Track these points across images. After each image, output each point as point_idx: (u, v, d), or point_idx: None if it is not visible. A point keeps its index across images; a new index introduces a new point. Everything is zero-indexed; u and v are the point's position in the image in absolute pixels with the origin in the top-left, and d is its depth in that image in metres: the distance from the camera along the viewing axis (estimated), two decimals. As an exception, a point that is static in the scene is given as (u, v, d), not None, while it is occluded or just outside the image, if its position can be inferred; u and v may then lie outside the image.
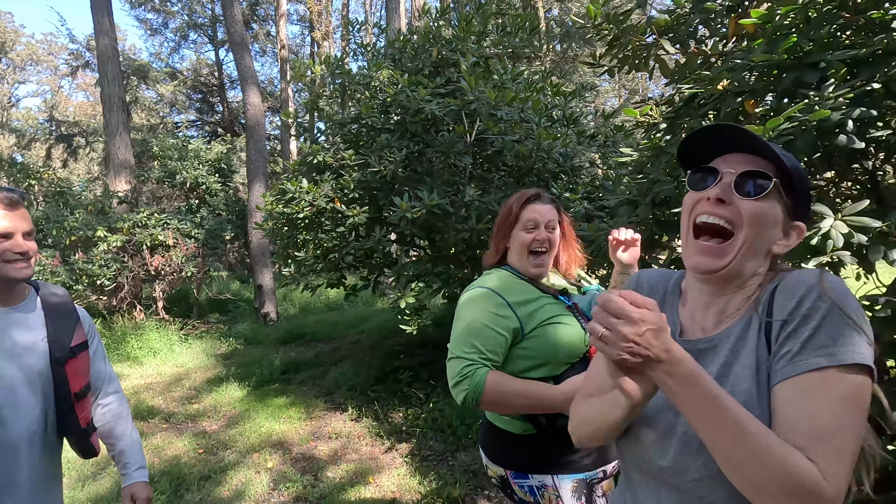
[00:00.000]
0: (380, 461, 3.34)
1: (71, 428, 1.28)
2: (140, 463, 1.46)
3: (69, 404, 1.27)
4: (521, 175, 4.24)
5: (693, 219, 0.83)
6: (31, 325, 1.27)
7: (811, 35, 1.55)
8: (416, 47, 4.33)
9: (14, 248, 1.19)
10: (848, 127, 1.37)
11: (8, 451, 1.18)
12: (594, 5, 2.38)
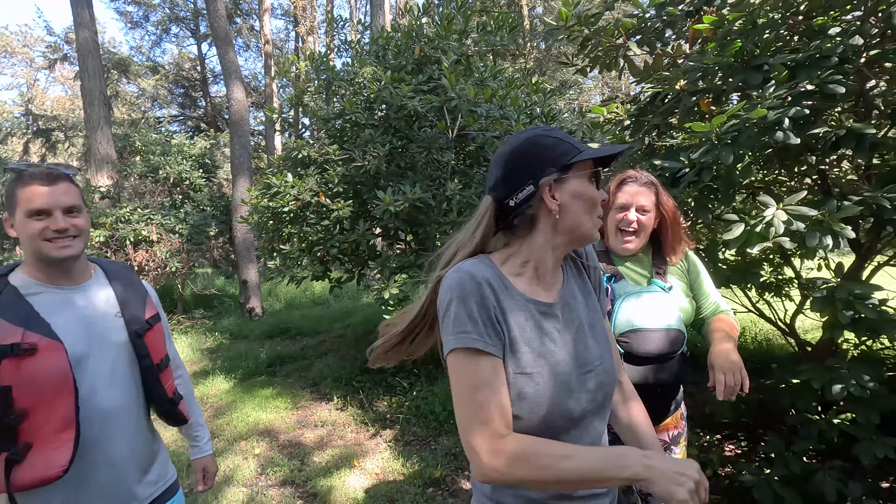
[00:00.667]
0: (364, 447, 3.45)
1: (159, 398, 1.30)
2: (208, 436, 1.53)
3: (154, 375, 1.28)
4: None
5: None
6: (103, 300, 1.26)
7: (756, 40, 1.69)
8: (399, 44, 4.42)
9: (53, 226, 1.13)
10: (784, 124, 1.52)
11: (102, 425, 1.18)
12: (566, 7, 2.51)
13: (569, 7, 2.49)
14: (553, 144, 0.89)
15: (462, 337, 0.85)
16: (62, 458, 1.08)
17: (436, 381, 4.25)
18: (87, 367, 1.16)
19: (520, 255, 0.93)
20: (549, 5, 13.33)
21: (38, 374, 1.07)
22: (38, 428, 1.08)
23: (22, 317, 1.09)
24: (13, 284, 1.14)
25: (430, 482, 2.90)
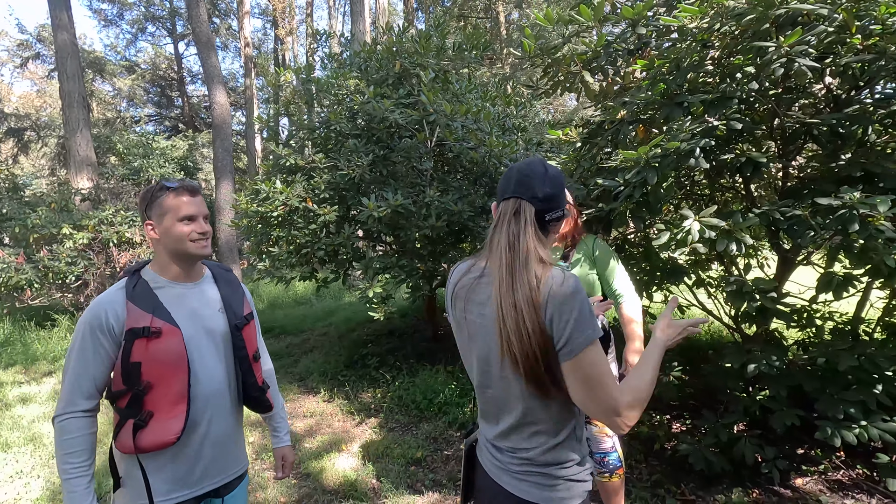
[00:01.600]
0: (351, 433, 3.75)
1: (251, 385, 1.46)
2: (288, 427, 1.68)
3: (248, 365, 1.44)
4: (477, 178, 4.71)
5: None
6: (211, 296, 1.44)
7: (679, 81, 2.07)
8: (381, 59, 4.73)
9: (198, 230, 1.35)
10: (696, 153, 1.89)
11: (202, 405, 1.35)
12: (530, 40, 2.86)
13: (532, 40, 2.85)
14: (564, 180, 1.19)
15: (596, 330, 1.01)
16: (177, 426, 1.28)
17: (417, 373, 4.57)
18: (199, 350, 1.35)
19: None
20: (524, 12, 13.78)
21: (162, 354, 1.27)
22: (158, 399, 1.27)
23: (151, 305, 1.30)
24: (144, 279, 1.35)
25: (412, 461, 3.23)
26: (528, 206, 1.10)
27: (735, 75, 2.06)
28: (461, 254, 4.54)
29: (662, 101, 2.08)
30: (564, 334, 1.00)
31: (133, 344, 1.26)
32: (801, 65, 1.78)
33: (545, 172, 1.13)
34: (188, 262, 1.40)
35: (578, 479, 1.11)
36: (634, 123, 2.20)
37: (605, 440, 2.10)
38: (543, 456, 1.09)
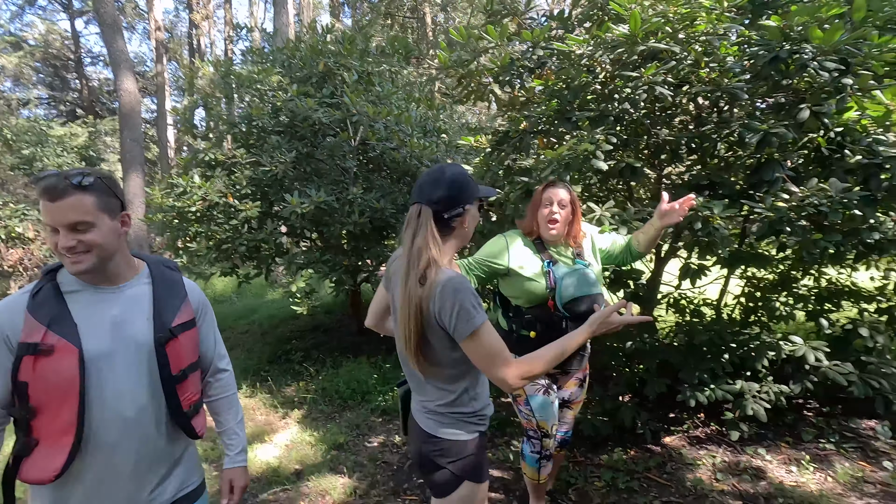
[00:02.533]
0: (275, 425, 3.82)
1: (174, 409, 1.24)
2: (243, 446, 1.46)
3: (171, 386, 1.22)
4: (400, 177, 4.93)
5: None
6: (140, 302, 1.22)
7: (568, 99, 2.42)
8: (305, 57, 4.79)
9: (63, 244, 1.09)
10: (598, 155, 2.23)
11: (109, 431, 1.14)
12: (445, 52, 3.12)
13: (447, 53, 3.11)
14: (471, 182, 1.35)
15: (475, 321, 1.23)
16: (58, 461, 1.08)
17: (341, 365, 4.70)
18: (109, 370, 1.14)
19: (448, 255, 1.34)
20: (449, 15, 14.17)
21: (50, 375, 1.08)
22: (44, 427, 1.09)
23: (49, 316, 1.10)
24: (58, 282, 1.15)
25: (334, 446, 3.38)
26: (427, 209, 1.28)
27: (613, 97, 2.45)
28: (385, 250, 4.73)
29: (556, 116, 2.43)
30: (451, 324, 1.23)
31: (21, 360, 1.07)
32: (659, 91, 2.18)
33: (441, 177, 1.30)
34: (101, 266, 1.16)
35: (469, 421, 1.40)
36: (535, 134, 2.53)
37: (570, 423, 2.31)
38: (440, 407, 1.39)
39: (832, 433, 3.00)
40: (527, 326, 2.05)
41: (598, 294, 1.97)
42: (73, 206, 1.09)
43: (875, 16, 2.27)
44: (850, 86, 2.13)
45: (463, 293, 1.23)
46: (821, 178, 2.32)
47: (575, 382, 2.25)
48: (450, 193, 1.29)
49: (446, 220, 1.30)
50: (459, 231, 1.35)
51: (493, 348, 1.25)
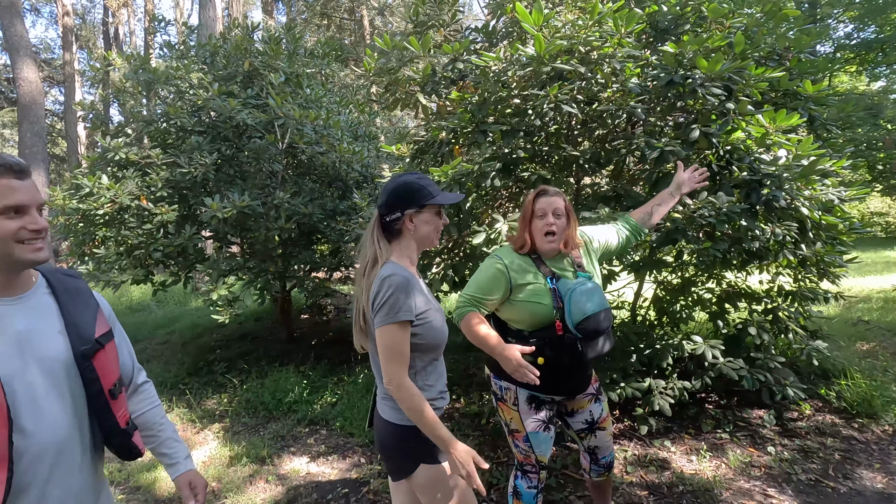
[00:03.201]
0: (192, 441, 3.63)
1: (110, 429, 1.11)
2: (186, 451, 1.36)
3: (104, 403, 1.08)
4: (331, 182, 4.86)
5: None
6: (45, 315, 1.06)
7: (483, 112, 2.51)
8: (229, 56, 4.60)
9: (30, 225, 0.99)
10: (491, 174, 2.32)
11: (33, 464, 0.99)
12: (370, 59, 3.13)
13: (373, 59, 3.12)
14: (418, 189, 1.44)
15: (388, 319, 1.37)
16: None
17: (267, 375, 4.54)
18: (21, 394, 0.99)
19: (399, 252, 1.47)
20: (387, 19, 14.16)
21: None
22: None
23: None
24: None
25: (256, 460, 3.26)
26: (376, 212, 1.49)
27: (527, 112, 2.57)
28: (314, 255, 4.63)
29: (472, 128, 2.51)
30: (374, 312, 1.38)
31: None
32: (565, 109, 2.31)
33: (388, 186, 1.48)
34: (12, 271, 1.03)
35: None
36: (451, 144, 2.60)
37: (609, 443, 2.06)
38: (384, 390, 1.48)
39: (727, 423, 3.29)
40: (533, 353, 1.74)
41: (608, 309, 1.82)
42: (34, 187, 1.03)
43: (754, 49, 2.54)
44: (732, 110, 2.37)
45: (395, 289, 1.35)
46: (711, 192, 2.56)
47: (588, 400, 1.98)
48: (390, 200, 1.45)
49: (388, 222, 1.46)
50: (408, 234, 1.47)
51: (397, 350, 1.37)
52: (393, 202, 1.45)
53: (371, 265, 1.45)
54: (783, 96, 2.94)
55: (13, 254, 0.99)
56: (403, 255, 1.48)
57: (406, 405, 1.36)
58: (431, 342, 1.44)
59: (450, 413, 3.74)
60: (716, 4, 2.60)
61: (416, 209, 1.45)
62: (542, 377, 1.67)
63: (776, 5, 2.86)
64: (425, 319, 1.42)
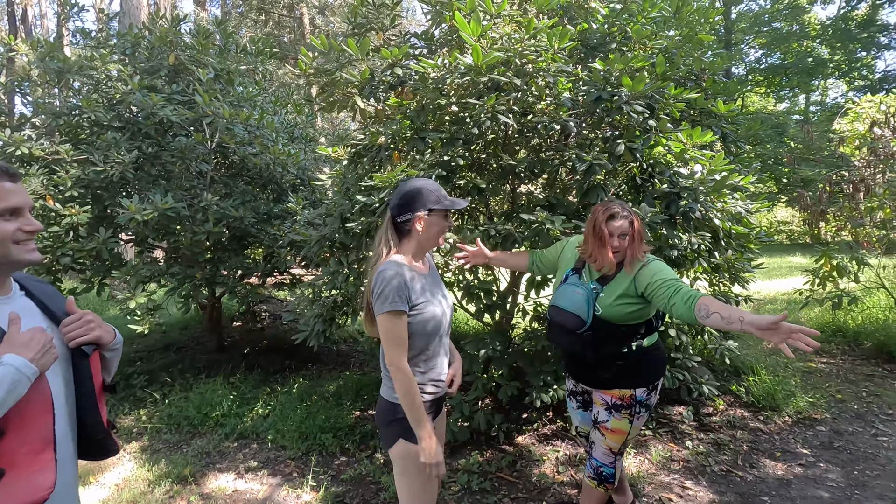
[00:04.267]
0: (104, 464, 3.33)
1: (94, 426, 1.15)
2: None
3: (93, 401, 1.13)
4: (265, 184, 4.67)
5: None
6: (31, 316, 1.10)
7: (422, 119, 2.51)
8: (152, 47, 4.31)
9: (26, 227, 1.05)
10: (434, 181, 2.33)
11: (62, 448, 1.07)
12: (306, 58, 3.04)
13: (308, 59, 3.03)
14: (428, 193, 1.59)
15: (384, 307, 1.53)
16: (47, 479, 1.02)
17: (192, 388, 4.28)
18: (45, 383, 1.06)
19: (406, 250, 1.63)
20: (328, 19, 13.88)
21: (31, 391, 0.98)
22: (15, 450, 0.98)
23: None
24: None
25: (177, 480, 3.06)
26: (388, 213, 1.64)
27: (465, 120, 2.60)
28: (245, 261, 4.43)
29: (412, 134, 2.50)
30: (374, 301, 1.54)
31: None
32: (502, 119, 2.36)
33: (400, 189, 1.64)
34: (6, 272, 1.08)
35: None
36: (390, 150, 2.58)
37: (607, 455, 2.09)
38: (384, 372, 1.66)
39: (651, 421, 3.48)
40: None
41: (574, 315, 1.95)
42: (25, 191, 1.08)
43: (673, 70, 2.72)
44: (654, 127, 2.52)
45: (391, 281, 1.51)
46: (636, 202, 2.70)
47: (600, 402, 2.07)
48: (401, 202, 1.60)
49: (399, 223, 1.61)
50: (416, 234, 1.61)
51: (393, 336, 1.53)
52: (405, 204, 1.59)
53: (376, 260, 1.62)
54: (699, 114, 3.17)
55: (10, 254, 1.04)
56: (409, 253, 1.63)
57: (400, 386, 1.53)
58: (424, 331, 1.59)
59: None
60: (639, 26, 2.76)
61: (426, 212, 1.59)
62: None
63: (692, 30, 3.08)
64: (419, 311, 1.57)
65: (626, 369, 2.00)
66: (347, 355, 5.56)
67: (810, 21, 19.18)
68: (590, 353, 1.98)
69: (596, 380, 2.07)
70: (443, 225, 1.64)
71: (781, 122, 15.49)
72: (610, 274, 1.99)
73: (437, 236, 1.65)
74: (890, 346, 4.51)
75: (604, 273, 2.00)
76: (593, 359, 1.99)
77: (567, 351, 2.14)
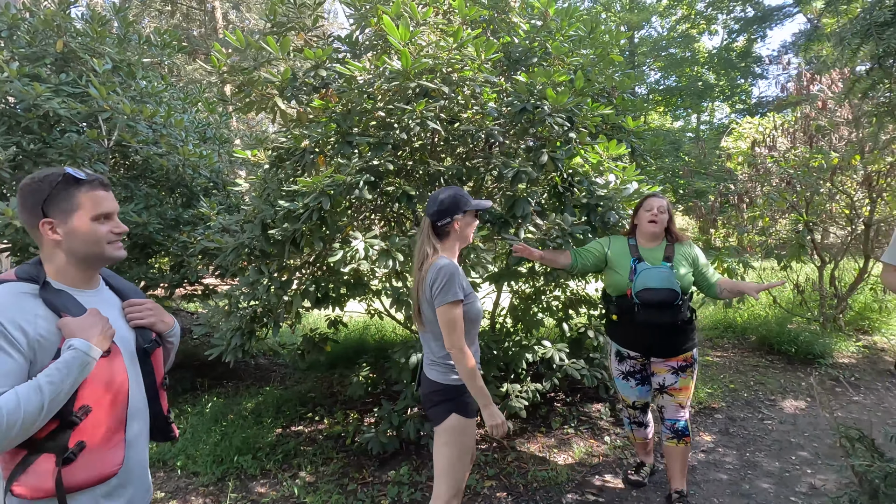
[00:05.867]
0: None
1: (155, 415, 1.31)
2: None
3: (155, 392, 1.29)
4: (173, 187, 4.30)
5: None
6: (113, 308, 1.25)
7: (348, 123, 2.44)
8: (35, 31, 3.82)
9: (115, 229, 1.20)
10: (360, 185, 2.27)
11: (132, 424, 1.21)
12: (220, 55, 2.85)
13: (223, 56, 2.84)
14: (461, 197, 1.84)
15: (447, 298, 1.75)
16: (117, 456, 1.15)
17: None
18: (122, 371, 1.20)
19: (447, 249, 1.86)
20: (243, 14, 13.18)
21: (106, 374, 1.13)
22: (95, 427, 1.11)
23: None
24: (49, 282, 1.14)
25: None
26: (427, 219, 1.86)
27: (393, 125, 2.57)
28: (149, 271, 4.04)
29: (338, 139, 2.42)
30: (434, 294, 1.75)
31: None
32: (430, 126, 2.36)
33: (439, 196, 1.85)
34: (96, 267, 1.24)
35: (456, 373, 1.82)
36: (315, 154, 2.48)
37: (678, 411, 2.51)
38: (437, 358, 1.87)
39: (573, 419, 3.64)
40: (612, 311, 2.56)
41: (669, 290, 2.37)
42: (114, 197, 1.25)
43: (590, 86, 2.88)
44: (574, 139, 2.65)
45: (450, 276, 1.73)
46: (558, 212, 2.82)
47: (666, 369, 2.49)
48: (442, 208, 1.83)
49: (440, 226, 1.84)
50: (454, 234, 1.87)
51: (452, 323, 1.73)
52: (444, 209, 1.82)
53: (423, 261, 1.83)
54: (611, 129, 3.39)
55: (104, 252, 1.20)
56: (450, 251, 1.87)
57: (462, 366, 1.74)
58: (474, 317, 1.84)
59: (312, 435, 3.53)
60: (558, 43, 2.90)
61: (462, 214, 1.84)
62: (619, 333, 2.58)
63: (605, 50, 3.30)
64: (471, 300, 1.81)
65: (690, 333, 2.48)
66: (267, 369, 5.26)
67: (699, 49, 21.42)
68: (681, 321, 2.42)
69: (671, 348, 2.46)
70: (474, 223, 1.93)
71: (678, 139, 17.09)
72: (663, 250, 2.48)
73: (470, 234, 1.93)
74: (770, 339, 5.10)
75: (659, 249, 2.48)
76: (682, 326, 2.43)
77: (659, 326, 2.42)
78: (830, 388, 4.19)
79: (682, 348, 2.47)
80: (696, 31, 21.41)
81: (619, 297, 2.51)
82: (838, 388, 4.16)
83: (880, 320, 5.50)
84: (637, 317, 2.41)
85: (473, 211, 1.91)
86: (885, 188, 4.86)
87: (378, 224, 3.16)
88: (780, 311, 5.67)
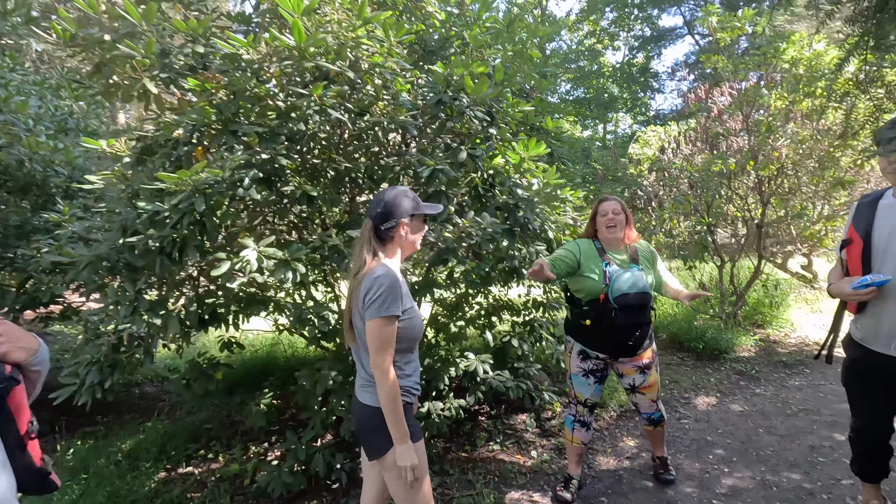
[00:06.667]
0: None
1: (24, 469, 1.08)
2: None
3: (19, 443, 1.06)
4: (21, 187, 3.54)
5: None
6: None
7: (232, 109, 2.04)
8: None
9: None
10: (245, 183, 1.88)
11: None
12: (68, 24, 2.30)
13: (71, 24, 2.30)
14: (406, 200, 1.65)
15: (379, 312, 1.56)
16: None
17: None
18: None
19: (389, 255, 1.67)
20: None
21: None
22: None
23: None
24: None
25: None
26: (369, 222, 1.66)
27: (290, 114, 2.20)
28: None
29: (219, 127, 2.01)
30: (365, 306, 1.54)
31: None
32: (333, 115, 2.03)
33: (383, 197, 1.65)
34: None
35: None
36: (192, 145, 2.04)
37: (651, 405, 2.67)
38: (370, 378, 1.63)
39: (498, 434, 3.44)
40: (583, 316, 2.50)
41: (645, 293, 2.42)
42: None
43: (510, 81, 2.71)
44: (494, 135, 2.45)
45: (388, 287, 1.54)
46: (478, 213, 2.60)
47: (634, 370, 2.57)
48: (386, 210, 1.63)
49: (383, 230, 1.64)
50: (398, 240, 1.68)
51: (382, 341, 1.54)
52: (388, 212, 1.63)
53: (359, 268, 1.62)
54: (531, 129, 3.26)
55: None
56: (394, 258, 1.68)
57: (383, 390, 1.54)
58: (411, 335, 1.65)
59: (203, 478, 3.01)
60: (476, 33, 2.70)
61: (409, 217, 1.65)
62: (589, 336, 2.53)
63: (524, 47, 3.16)
64: (410, 315, 1.62)
65: (650, 330, 2.58)
66: (154, 398, 4.57)
67: (605, 63, 22.83)
68: (649, 320, 2.52)
69: (638, 347, 2.51)
70: (422, 229, 1.75)
71: (588, 147, 18.01)
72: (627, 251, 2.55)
73: (418, 241, 1.74)
74: (680, 337, 5.31)
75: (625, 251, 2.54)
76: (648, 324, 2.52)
77: (631, 327, 2.44)
78: (735, 381, 4.39)
79: (645, 345, 2.57)
80: (602, 46, 22.80)
81: (591, 301, 2.48)
82: (742, 382, 4.37)
83: (770, 314, 5.97)
84: (616, 320, 2.41)
85: (422, 216, 1.73)
86: (772, 193, 5.26)
87: (286, 231, 2.75)
88: (688, 309, 5.96)
